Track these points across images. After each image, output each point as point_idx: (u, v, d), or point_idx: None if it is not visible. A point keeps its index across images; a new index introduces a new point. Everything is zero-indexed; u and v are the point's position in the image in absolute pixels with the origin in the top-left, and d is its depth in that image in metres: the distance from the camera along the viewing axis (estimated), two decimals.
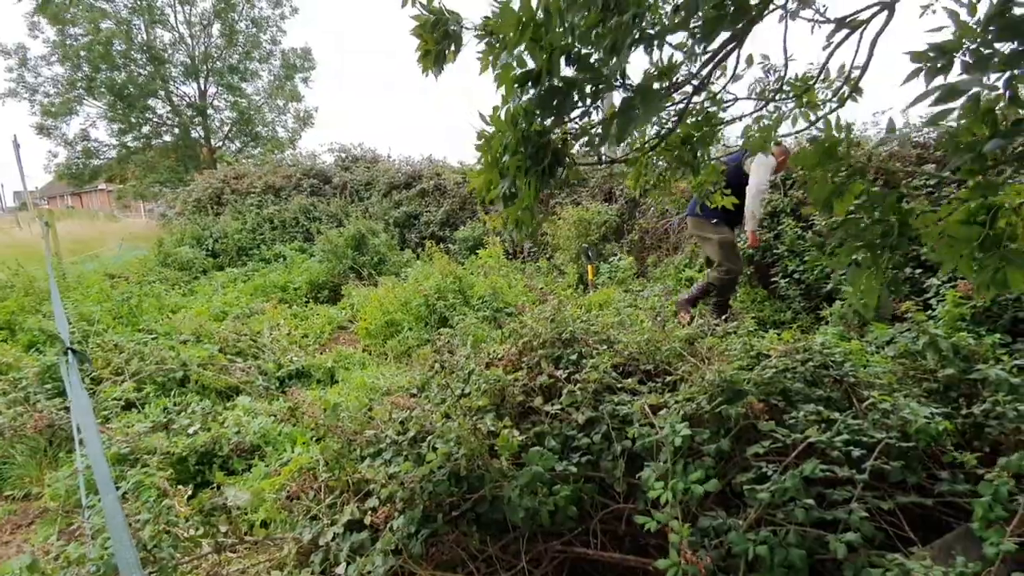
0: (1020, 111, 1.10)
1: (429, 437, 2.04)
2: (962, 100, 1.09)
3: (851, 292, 1.43)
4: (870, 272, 1.37)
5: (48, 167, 24.62)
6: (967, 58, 1.03)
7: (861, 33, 1.48)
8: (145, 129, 24.12)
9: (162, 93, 23.85)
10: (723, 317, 3.90)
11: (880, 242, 1.29)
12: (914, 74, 1.11)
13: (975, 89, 1.03)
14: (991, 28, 0.98)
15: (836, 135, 1.46)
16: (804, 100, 1.74)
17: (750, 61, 1.75)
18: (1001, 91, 1.04)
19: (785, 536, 1.51)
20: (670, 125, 1.90)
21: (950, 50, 1.04)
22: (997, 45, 1.01)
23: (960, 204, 1.22)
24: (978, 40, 1.03)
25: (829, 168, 1.38)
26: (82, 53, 21.58)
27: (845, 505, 1.59)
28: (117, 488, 1.70)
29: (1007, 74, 1.01)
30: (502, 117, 1.57)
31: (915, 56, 1.09)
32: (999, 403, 1.92)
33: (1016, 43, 0.97)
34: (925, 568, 1.36)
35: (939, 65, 1.04)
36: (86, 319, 5.54)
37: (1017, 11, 0.98)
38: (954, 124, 1.15)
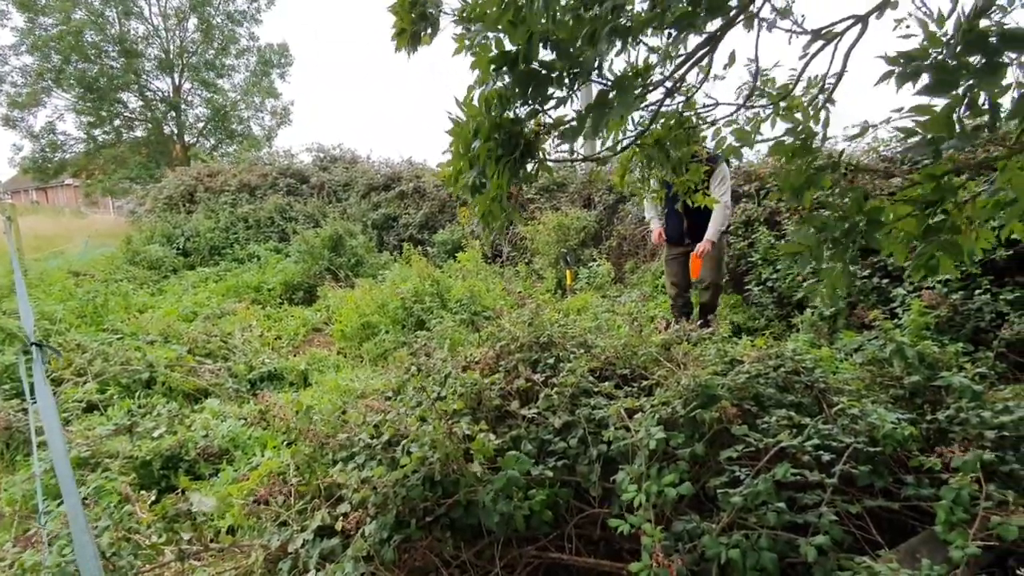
0: (978, 119, 1.14)
1: (403, 441, 2.00)
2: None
3: (810, 288, 1.46)
4: (834, 268, 1.41)
5: (12, 160, 23.79)
6: (932, 66, 1.06)
7: (836, 45, 1.51)
8: (116, 123, 23.44)
9: (135, 87, 23.23)
10: (699, 323, 3.94)
11: (844, 239, 1.33)
12: (886, 76, 1.14)
13: (945, 101, 1.06)
14: (962, 42, 1.01)
15: (812, 128, 1.50)
16: (783, 106, 1.77)
17: (732, 59, 1.77)
18: (960, 95, 1.07)
19: (757, 540, 1.52)
20: (643, 126, 1.91)
21: (918, 58, 1.07)
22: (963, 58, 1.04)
23: (913, 202, 1.27)
24: (943, 51, 1.06)
25: (803, 159, 1.41)
26: (52, 43, 20.90)
27: (815, 509, 1.61)
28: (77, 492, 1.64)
29: (968, 82, 1.05)
30: (475, 101, 1.55)
31: (889, 60, 1.12)
32: (962, 409, 1.97)
33: (981, 57, 1.01)
34: (892, 571, 1.38)
35: (907, 71, 1.07)
36: (47, 318, 5.34)
37: (983, 24, 1.01)
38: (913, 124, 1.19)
